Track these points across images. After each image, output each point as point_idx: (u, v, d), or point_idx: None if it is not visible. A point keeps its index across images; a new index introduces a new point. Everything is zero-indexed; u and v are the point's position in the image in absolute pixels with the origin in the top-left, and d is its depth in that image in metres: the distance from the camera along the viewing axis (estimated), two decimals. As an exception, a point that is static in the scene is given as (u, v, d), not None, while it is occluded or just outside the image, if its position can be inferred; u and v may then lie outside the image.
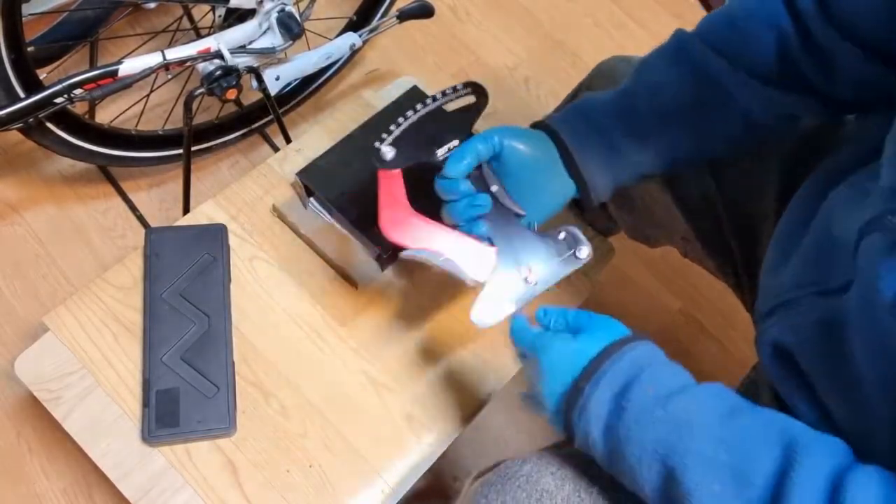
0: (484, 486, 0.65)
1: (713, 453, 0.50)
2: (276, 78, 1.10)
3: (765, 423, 0.52)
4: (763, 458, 0.49)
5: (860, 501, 0.45)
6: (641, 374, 0.55)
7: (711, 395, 0.54)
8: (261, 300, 0.88)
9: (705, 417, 0.52)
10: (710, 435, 0.51)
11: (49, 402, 0.81)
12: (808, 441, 0.50)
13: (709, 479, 0.49)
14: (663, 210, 0.85)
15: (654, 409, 0.53)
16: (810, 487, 0.47)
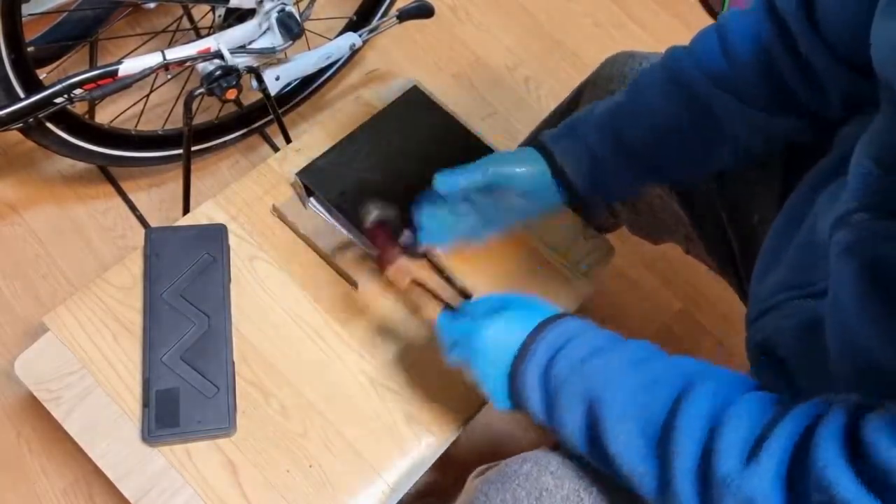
0: (484, 483, 0.66)
1: (626, 397, 0.55)
2: (276, 78, 1.10)
3: (672, 367, 0.57)
4: (664, 395, 0.54)
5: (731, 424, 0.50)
6: (570, 342, 0.60)
7: (630, 348, 0.60)
8: (261, 300, 0.88)
9: (622, 367, 0.57)
10: (625, 382, 0.56)
11: (49, 402, 0.81)
12: (703, 376, 0.55)
13: (623, 419, 0.55)
14: (667, 208, 0.85)
15: (580, 366, 0.59)
16: (695, 412, 0.52)
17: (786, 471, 0.47)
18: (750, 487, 0.47)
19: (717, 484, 0.49)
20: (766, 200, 0.75)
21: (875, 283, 0.48)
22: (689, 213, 0.81)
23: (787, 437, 0.48)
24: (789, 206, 0.67)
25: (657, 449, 0.53)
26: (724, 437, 0.49)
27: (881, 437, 0.43)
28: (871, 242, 0.49)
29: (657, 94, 0.71)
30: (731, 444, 0.49)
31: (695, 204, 0.80)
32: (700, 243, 0.83)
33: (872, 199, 0.51)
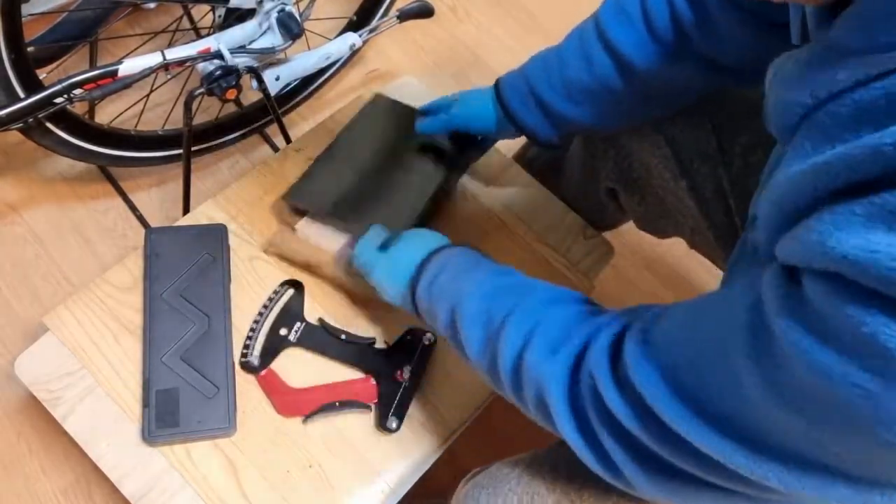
0: (475, 488, 0.66)
1: (478, 306, 0.65)
2: (276, 78, 1.10)
3: (518, 283, 0.67)
4: (504, 303, 0.63)
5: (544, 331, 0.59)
6: (445, 266, 0.72)
7: (489, 267, 0.70)
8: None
9: (475, 283, 0.67)
10: (478, 292, 0.66)
11: (49, 402, 0.81)
12: (534, 289, 0.65)
13: (473, 323, 0.65)
14: (675, 199, 0.85)
15: (450, 283, 0.70)
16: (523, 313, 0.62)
17: (572, 365, 0.56)
18: (545, 375, 0.57)
19: (525, 369, 0.59)
20: None
21: None
22: (698, 201, 0.81)
23: (583, 335, 0.57)
24: None
25: (490, 345, 0.63)
26: (539, 335, 0.59)
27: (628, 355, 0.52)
28: None
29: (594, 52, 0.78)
30: (542, 341, 0.59)
31: (704, 191, 0.80)
32: (708, 234, 0.83)
33: None
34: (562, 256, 0.98)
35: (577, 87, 0.79)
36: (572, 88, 0.80)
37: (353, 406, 0.83)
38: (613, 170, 0.90)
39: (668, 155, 0.81)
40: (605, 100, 0.79)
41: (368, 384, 0.85)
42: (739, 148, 0.77)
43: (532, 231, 0.99)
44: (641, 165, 0.86)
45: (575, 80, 0.79)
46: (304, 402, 0.83)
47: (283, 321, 0.87)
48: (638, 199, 0.91)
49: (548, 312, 0.61)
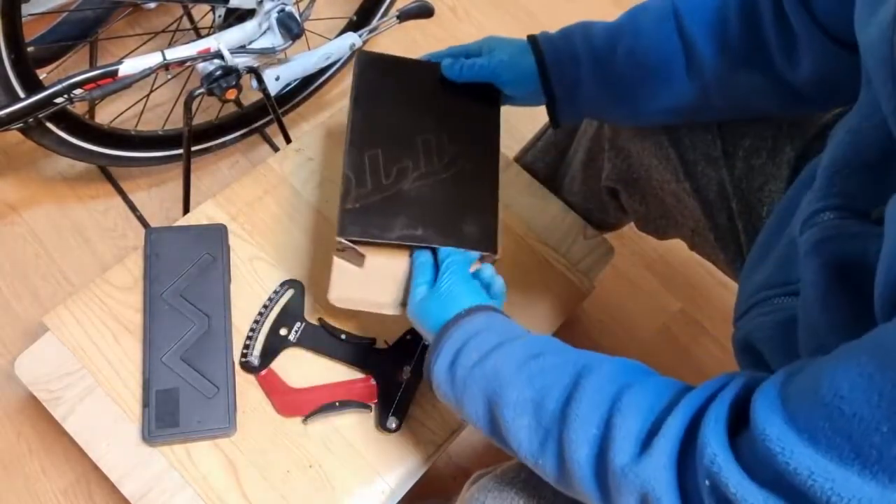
0: (481, 491, 0.65)
1: (520, 393, 0.57)
2: (276, 78, 1.10)
3: (563, 360, 0.58)
4: (557, 386, 0.55)
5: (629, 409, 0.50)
6: (469, 341, 0.63)
7: (519, 347, 0.60)
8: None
9: (512, 365, 0.58)
10: (516, 379, 0.57)
11: (49, 402, 0.81)
12: (592, 367, 0.55)
13: (517, 414, 0.56)
14: (676, 200, 0.85)
15: (473, 369, 0.61)
16: (589, 403, 0.52)
17: (676, 457, 0.47)
18: (645, 478, 0.47)
19: (614, 473, 0.49)
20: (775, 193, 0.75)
21: (838, 282, 0.48)
22: (701, 203, 0.81)
23: (680, 422, 0.48)
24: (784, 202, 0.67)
25: (554, 438, 0.54)
26: (619, 427, 0.50)
27: (759, 406, 0.43)
28: (836, 242, 0.50)
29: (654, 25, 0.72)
30: (626, 435, 0.49)
31: (707, 194, 0.80)
32: (709, 235, 0.83)
33: (837, 199, 0.51)
34: (562, 256, 0.98)
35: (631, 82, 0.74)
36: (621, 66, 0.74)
37: (353, 406, 0.83)
38: (615, 170, 0.90)
39: (671, 156, 0.81)
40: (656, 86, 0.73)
41: (368, 384, 0.85)
42: (742, 151, 0.77)
43: (532, 231, 0.99)
44: (643, 166, 0.86)
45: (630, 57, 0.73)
46: (304, 402, 0.83)
47: (283, 321, 0.87)
48: (639, 199, 0.91)
49: (619, 395, 0.52)
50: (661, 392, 0.52)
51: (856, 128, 0.52)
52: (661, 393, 0.52)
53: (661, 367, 0.56)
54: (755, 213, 0.77)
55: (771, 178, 0.75)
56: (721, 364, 1.27)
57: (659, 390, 0.52)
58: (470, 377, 0.61)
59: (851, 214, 0.50)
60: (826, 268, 0.50)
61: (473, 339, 0.63)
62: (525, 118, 1.44)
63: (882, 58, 0.44)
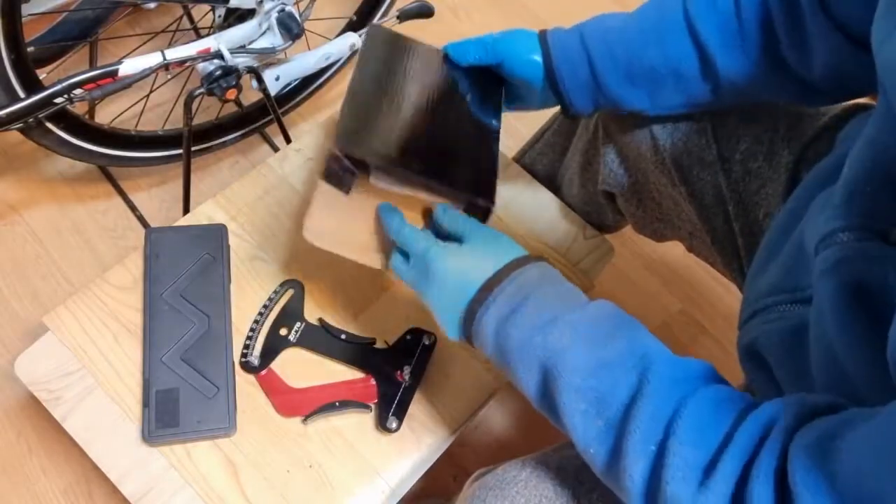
0: (482, 489, 0.65)
1: (582, 379, 0.55)
2: (276, 78, 1.10)
3: (629, 351, 0.56)
4: (621, 383, 0.54)
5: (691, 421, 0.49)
6: (527, 301, 0.59)
7: (586, 324, 0.58)
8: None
9: (577, 347, 0.56)
10: (579, 364, 0.55)
11: (49, 402, 0.81)
12: (659, 367, 0.54)
13: (577, 399, 0.55)
14: (672, 204, 0.85)
15: (532, 335, 0.57)
16: (652, 410, 0.51)
17: (731, 497, 0.47)
18: None
19: (666, 498, 0.49)
20: (772, 196, 0.75)
21: (856, 304, 0.48)
22: (697, 207, 0.81)
23: (736, 462, 0.47)
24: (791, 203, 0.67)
25: (611, 437, 0.53)
26: (677, 452, 0.49)
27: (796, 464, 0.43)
28: (855, 264, 0.49)
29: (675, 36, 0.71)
30: (682, 464, 0.48)
31: (703, 198, 0.80)
32: (706, 239, 0.83)
33: (857, 219, 0.50)
34: (562, 256, 0.98)
35: (643, 70, 0.72)
36: (635, 69, 0.72)
37: (353, 406, 0.83)
38: (611, 174, 0.90)
39: (666, 161, 0.81)
40: (670, 87, 0.73)
41: (368, 384, 0.85)
42: (739, 155, 0.77)
43: (532, 231, 0.99)
44: (638, 170, 0.86)
45: (643, 62, 0.71)
46: (304, 402, 0.83)
47: (283, 321, 0.87)
48: (636, 204, 0.91)
49: (679, 409, 0.50)
50: (722, 411, 0.50)
51: (875, 140, 0.51)
52: (721, 412, 0.50)
53: (661, 368, 0.56)
54: (752, 217, 0.77)
55: (768, 181, 0.75)
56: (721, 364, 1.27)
57: (720, 408, 0.51)
58: (529, 344, 0.58)
59: (872, 235, 0.49)
60: (844, 289, 0.49)
61: (531, 297, 0.59)
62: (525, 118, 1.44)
63: None
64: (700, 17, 0.69)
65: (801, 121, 0.75)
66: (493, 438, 1.14)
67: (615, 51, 0.73)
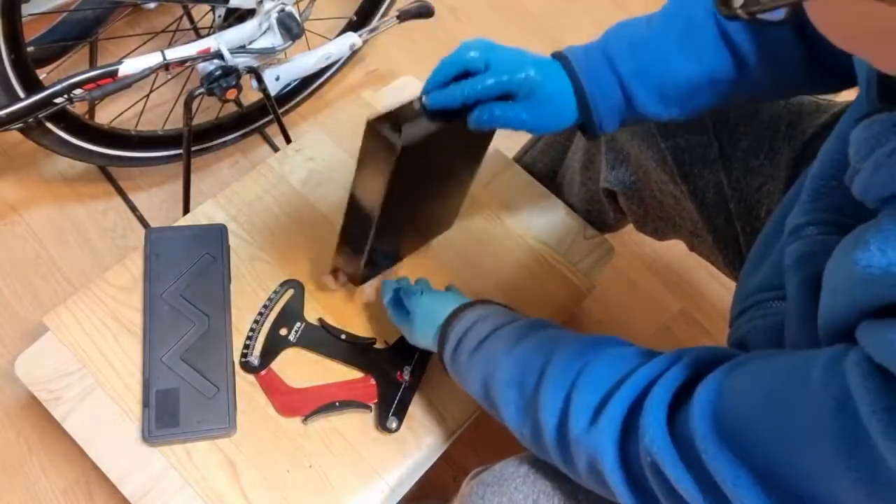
0: (480, 486, 0.65)
1: (506, 372, 0.64)
2: (276, 78, 1.10)
3: (542, 340, 0.65)
4: (534, 364, 0.62)
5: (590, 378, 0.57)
6: (469, 331, 0.71)
7: (510, 331, 0.68)
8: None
9: (503, 348, 0.66)
10: (505, 360, 0.65)
11: (49, 402, 0.81)
12: (562, 343, 0.62)
13: (506, 390, 0.64)
14: (674, 202, 0.85)
15: (473, 353, 0.69)
16: (554, 377, 0.59)
17: (619, 430, 0.53)
18: (593, 445, 0.54)
19: (572, 442, 0.56)
20: (773, 193, 0.75)
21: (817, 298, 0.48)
22: (699, 205, 0.81)
23: (626, 397, 0.53)
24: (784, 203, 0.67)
25: (530, 412, 0.61)
26: (576, 400, 0.56)
27: (696, 403, 0.47)
28: (818, 258, 0.49)
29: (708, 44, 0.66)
30: (581, 407, 0.56)
31: (704, 196, 0.80)
32: (708, 237, 0.83)
33: (822, 214, 0.51)
34: (562, 256, 0.98)
35: (677, 84, 0.66)
36: (669, 86, 0.67)
37: (353, 406, 0.83)
38: (612, 173, 0.90)
39: (667, 159, 0.81)
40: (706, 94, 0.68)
41: (368, 384, 0.85)
42: (740, 153, 0.77)
43: (532, 231, 0.99)
44: (640, 169, 0.86)
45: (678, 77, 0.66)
46: (304, 402, 0.83)
47: (283, 321, 0.87)
48: (637, 202, 0.91)
49: (581, 370, 0.58)
50: (617, 365, 0.57)
51: (842, 134, 0.51)
52: (616, 366, 0.57)
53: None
54: (754, 214, 0.77)
55: (769, 178, 0.75)
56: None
57: (615, 363, 0.57)
58: (469, 361, 0.69)
59: (836, 230, 0.50)
60: (806, 283, 0.50)
61: (475, 326, 0.71)
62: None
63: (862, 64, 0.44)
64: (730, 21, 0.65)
65: (801, 118, 0.75)
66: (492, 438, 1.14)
67: (647, 70, 0.66)
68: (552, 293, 0.95)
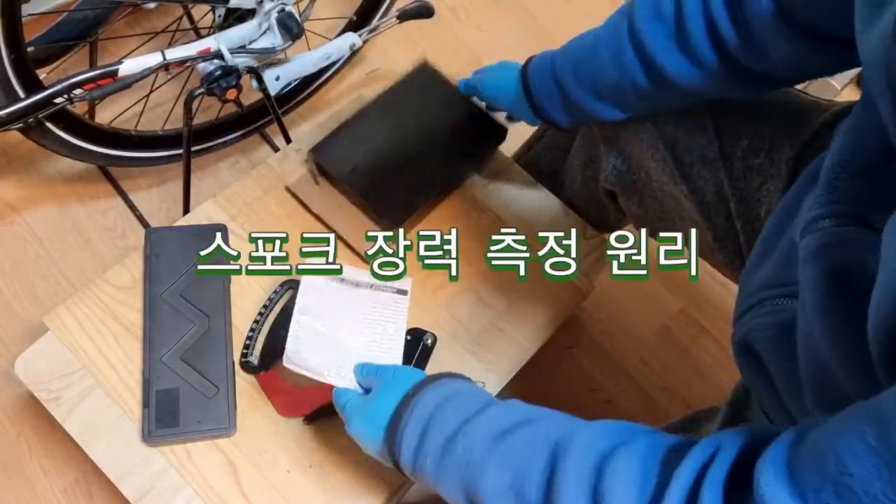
0: None
1: (496, 480, 0.53)
2: (276, 78, 1.10)
3: (532, 435, 0.54)
4: (533, 469, 0.52)
5: (619, 484, 0.47)
6: (429, 425, 0.59)
7: (484, 424, 0.57)
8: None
9: (480, 451, 0.55)
10: (488, 465, 0.54)
11: (49, 402, 0.81)
12: (566, 441, 0.52)
13: (499, 501, 0.53)
14: (674, 202, 0.85)
15: (442, 458, 0.57)
16: (570, 488, 0.49)
17: None
18: None
19: None
20: (773, 192, 0.75)
21: (837, 291, 0.48)
22: (699, 205, 0.81)
23: (681, 491, 0.45)
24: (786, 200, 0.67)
25: None
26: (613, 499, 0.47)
27: (765, 479, 0.41)
28: (835, 249, 0.49)
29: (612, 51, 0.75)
30: None
31: (704, 195, 0.80)
32: (707, 236, 0.83)
33: (838, 206, 0.51)
34: (562, 256, 0.97)
35: (605, 84, 0.77)
36: (600, 84, 0.78)
37: None
38: (612, 172, 0.90)
39: (667, 158, 0.81)
40: (633, 98, 0.77)
41: None
42: (741, 152, 0.77)
43: (532, 231, 0.99)
44: (640, 168, 0.86)
45: (603, 77, 0.77)
46: (304, 402, 0.83)
47: (283, 321, 0.86)
48: (637, 202, 0.91)
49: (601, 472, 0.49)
50: (647, 461, 0.48)
51: (855, 129, 0.52)
52: (646, 463, 0.48)
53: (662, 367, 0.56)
54: (754, 213, 0.77)
55: (769, 177, 0.75)
56: (721, 364, 1.27)
57: (643, 459, 0.49)
58: (441, 468, 0.57)
59: (851, 221, 0.49)
60: (825, 275, 0.49)
61: (434, 420, 0.59)
62: (525, 118, 1.44)
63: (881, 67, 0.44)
64: (644, 31, 0.71)
65: (802, 117, 0.75)
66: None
67: (580, 68, 0.78)
68: (552, 294, 0.95)
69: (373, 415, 0.64)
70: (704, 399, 1.23)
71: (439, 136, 1.00)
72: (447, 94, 1.03)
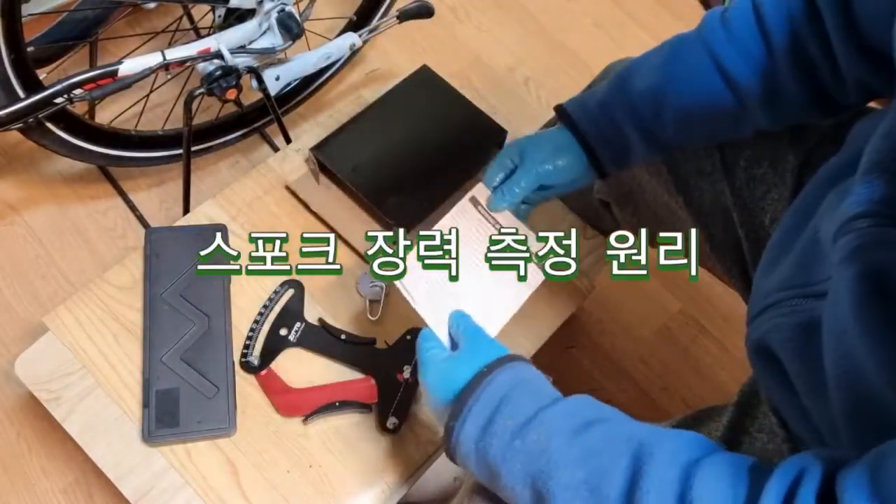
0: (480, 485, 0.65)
1: (571, 475, 0.52)
2: (276, 78, 1.10)
3: (611, 434, 0.54)
4: (614, 470, 0.51)
5: (708, 494, 0.47)
6: (501, 406, 0.58)
7: (562, 416, 0.57)
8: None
9: (558, 441, 0.54)
10: (564, 458, 0.53)
11: (49, 402, 0.81)
12: (652, 446, 0.52)
13: (572, 497, 0.52)
14: (668, 213, 0.85)
15: (512, 441, 0.56)
16: (658, 493, 0.49)
17: None
18: None
19: None
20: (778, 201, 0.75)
21: (874, 291, 0.48)
22: (695, 214, 0.81)
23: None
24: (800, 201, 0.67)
25: None
26: None
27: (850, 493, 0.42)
28: (873, 250, 0.49)
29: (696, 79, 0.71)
30: None
31: (701, 205, 0.80)
32: (705, 246, 0.83)
33: (875, 206, 0.51)
34: (562, 256, 0.97)
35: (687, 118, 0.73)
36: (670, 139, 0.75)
37: (353, 406, 0.83)
38: (605, 184, 0.90)
39: (662, 171, 0.81)
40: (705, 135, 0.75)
41: (368, 384, 0.85)
42: (744, 161, 0.77)
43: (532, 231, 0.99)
44: (634, 180, 0.86)
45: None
46: (304, 402, 0.83)
47: (283, 321, 0.87)
48: (630, 212, 0.91)
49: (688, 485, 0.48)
50: (734, 475, 0.48)
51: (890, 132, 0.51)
52: (734, 477, 0.48)
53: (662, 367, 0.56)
54: (758, 221, 0.77)
55: (773, 186, 0.75)
56: (721, 364, 1.27)
57: (731, 473, 0.49)
58: (509, 451, 0.56)
59: (889, 222, 0.49)
60: (863, 275, 0.49)
61: (506, 402, 0.59)
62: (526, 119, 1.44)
63: None
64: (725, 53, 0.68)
65: (805, 126, 0.75)
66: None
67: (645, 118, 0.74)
68: (552, 293, 0.95)
69: (448, 377, 0.63)
70: (704, 399, 1.23)
71: (440, 136, 1.00)
72: (448, 95, 1.04)
